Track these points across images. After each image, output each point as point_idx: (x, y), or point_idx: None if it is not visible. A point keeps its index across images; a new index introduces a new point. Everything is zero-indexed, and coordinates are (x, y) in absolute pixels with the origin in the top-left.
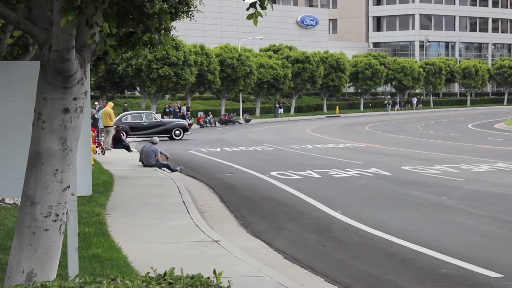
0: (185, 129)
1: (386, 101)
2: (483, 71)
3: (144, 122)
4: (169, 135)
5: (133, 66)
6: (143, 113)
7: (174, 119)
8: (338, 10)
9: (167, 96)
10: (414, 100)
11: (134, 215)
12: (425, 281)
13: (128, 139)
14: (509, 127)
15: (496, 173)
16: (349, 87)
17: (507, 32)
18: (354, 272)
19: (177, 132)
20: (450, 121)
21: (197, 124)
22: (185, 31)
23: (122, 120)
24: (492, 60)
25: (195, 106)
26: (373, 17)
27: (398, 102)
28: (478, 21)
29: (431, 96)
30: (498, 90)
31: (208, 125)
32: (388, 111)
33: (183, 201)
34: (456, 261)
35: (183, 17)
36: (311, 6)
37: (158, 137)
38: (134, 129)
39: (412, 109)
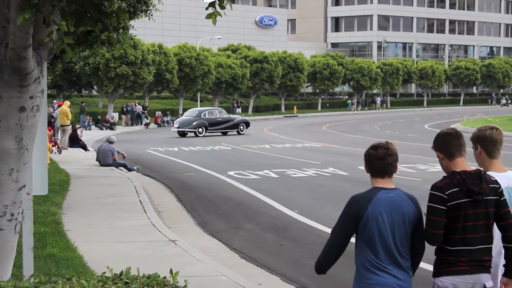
0: (247, 124)
1: (350, 101)
2: (439, 72)
3: (218, 118)
4: (237, 129)
5: (91, 65)
6: (216, 109)
7: (238, 116)
8: (296, 11)
9: (125, 94)
10: (378, 100)
11: (90, 215)
12: None
13: (207, 133)
14: (465, 128)
15: None
16: (307, 87)
17: (463, 34)
18: (311, 272)
19: (241, 127)
20: (407, 121)
21: (155, 124)
22: (144, 30)
23: (201, 116)
24: (449, 61)
25: (153, 105)
26: (332, 17)
27: (358, 102)
28: (435, 22)
29: (388, 96)
30: (454, 91)
31: (166, 124)
32: (351, 110)
33: (140, 201)
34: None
35: (142, 16)
36: (270, 6)
37: (228, 131)
38: (212, 125)
39: (376, 109)
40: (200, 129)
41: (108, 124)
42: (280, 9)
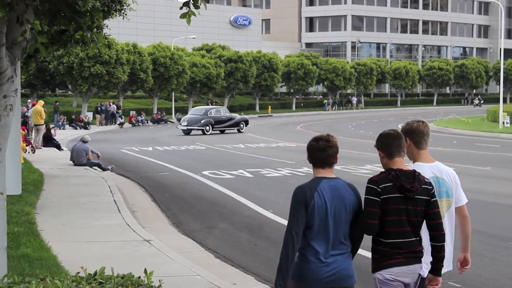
0: (247, 122)
1: (326, 100)
2: (413, 72)
3: (223, 116)
4: (238, 127)
5: (65, 64)
6: (220, 108)
7: (237, 115)
8: (271, 11)
9: (99, 93)
10: (354, 100)
11: (64, 215)
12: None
13: (213, 131)
14: (438, 128)
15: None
16: (281, 86)
17: (437, 34)
18: None
19: (241, 125)
20: (381, 121)
21: (129, 123)
22: (118, 30)
23: (208, 114)
24: (422, 61)
25: (127, 105)
26: (306, 17)
27: (334, 102)
28: (408, 23)
29: (362, 96)
30: (427, 91)
31: (140, 124)
32: (327, 110)
33: (114, 200)
34: None
35: (116, 15)
36: (244, 6)
37: (229, 129)
38: (217, 123)
39: (352, 109)
40: (207, 127)
41: (82, 124)
42: (254, 9)
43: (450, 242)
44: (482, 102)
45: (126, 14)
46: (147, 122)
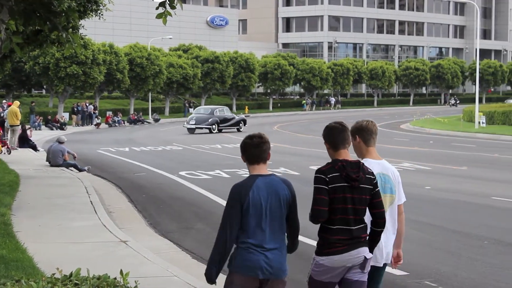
0: (245, 122)
1: (304, 101)
2: (389, 72)
3: (225, 115)
4: (238, 127)
5: (41, 65)
6: (223, 107)
7: (235, 114)
8: (248, 11)
9: (76, 94)
10: (332, 100)
11: (40, 216)
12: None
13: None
14: (414, 128)
15: (402, 172)
16: (258, 87)
17: (413, 34)
18: None
19: (241, 124)
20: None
21: (106, 124)
22: (94, 30)
23: (214, 114)
24: (399, 61)
25: (104, 105)
26: (283, 18)
27: (313, 102)
28: (385, 23)
29: (339, 96)
30: (404, 91)
31: (117, 124)
32: (306, 110)
33: (91, 201)
34: None
35: (92, 15)
36: (221, 6)
37: (230, 128)
38: (221, 122)
39: (330, 109)
40: (214, 126)
41: (59, 124)
42: (231, 9)
43: (388, 237)
44: (458, 102)
45: (102, 14)
46: (124, 123)
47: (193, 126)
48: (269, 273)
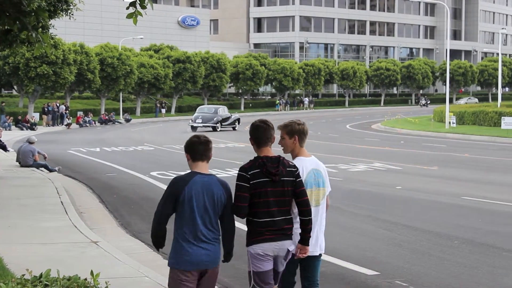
0: (239, 121)
1: (278, 101)
2: (361, 72)
3: (225, 115)
4: (233, 126)
5: (11, 64)
6: (224, 107)
7: (230, 114)
8: (219, 11)
9: (46, 94)
10: (306, 100)
11: (10, 216)
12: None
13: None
14: (385, 128)
15: (373, 172)
16: (230, 87)
17: (384, 35)
18: (234, 272)
19: (236, 123)
20: (329, 121)
21: (77, 124)
22: (65, 30)
23: (217, 112)
24: (370, 62)
25: (75, 105)
26: (254, 18)
27: (287, 102)
28: (356, 23)
29: (311, 97)
30: (375, 92)
31: (87, 124)
32: (279, 110)
33: (61, 202)
34: (334, 260)
35: (62, 15)
36: (192, 6)
37: (228, 126)
38: (223, 120)
39: (304, 109)
40: (218, 124)
41: (29, 125)
42: (202, 9)
43: (323, 227)
44: (429, 102)
45: (72, 14)
46: (95, 123)
47: (201, 125)
48: (204, 265)
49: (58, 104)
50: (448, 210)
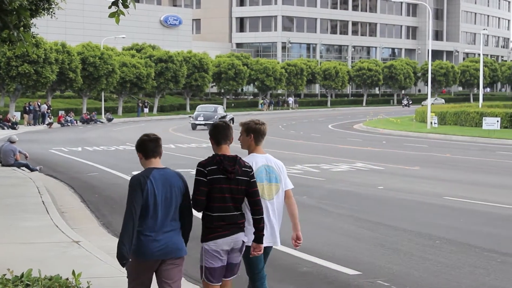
0: (233, 120)
1: (262, 100)
2: (343, 72)
3: (223, 114)
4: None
5: None
6: (221, 106)
7: (227, 113)
8: (201, 10)
9: (27, 93)
10: (291, 100)
11: None
12: (286, 279)
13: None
14: (367, 128)
15: (355, 172)
16: (212, 87)
17: (366, 35)
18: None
19: (230, 122)
20: (311, 121)
21: (58, 123)
22: (46, 29)
23: (217, 111)
24: (352, 62)
25: (57, 104)
26: (236, 18)
27: (271, 102)
28: (338, 24)
29: (293, 96)
30: (357, 92)
31: (69, 124)
32: (263, 110)
33: (43, 201)
34: (316, 260)
35: (44, 14)
36: (174, 5)
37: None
38: (221, 119)
39: (289, 109)
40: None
41: (10, 124)
42: (185, 8)
43: (278, 221)
44: (410, 102)
45: (54, 13)
46: (76, 122)
47: (203, 122)
48: (165, 254)
49: (39, 103)
50: (430, 210)
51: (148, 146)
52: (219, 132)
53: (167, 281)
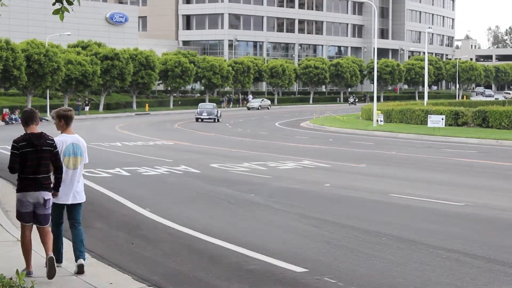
0: (221, 115)
1: (221, 98)
2: (289, 70)
3: (216, 109)
4: (218, 118)
5: None
6: (214, 104)
7: (218, 109)
8: (148, 8)
9: None
10: (250, 97)
11: None
12: (233, 277)
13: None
14: (314, 126)
15: (302, 170)
16: (158, 84)
17: (312, 33)
18: (163, 270)
19: (219, 116)
20: (258, 119)
21: (3, 121)
22: None
23: (214, 107)
24: (299, 60)
25: (1, 102)
26: (183, 15)
27: (230, 100)
28: (285, 21)
29: (240, 94)
30: (304, 90)
31: (14, 122)
32: (223, 107)
33: None
34: (263, 257)
35: None
36: (120, 2)
37: (216, 118)
38: (216, 114)
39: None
40: (218, 117)
41: None
42: (131, 6)
43: (80, 183)
44: (357, 100)
45: None
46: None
47: (206, 117)
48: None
49: None
50: (376, 207)
51: (28, 117)
52: (27, 116)
53: None
